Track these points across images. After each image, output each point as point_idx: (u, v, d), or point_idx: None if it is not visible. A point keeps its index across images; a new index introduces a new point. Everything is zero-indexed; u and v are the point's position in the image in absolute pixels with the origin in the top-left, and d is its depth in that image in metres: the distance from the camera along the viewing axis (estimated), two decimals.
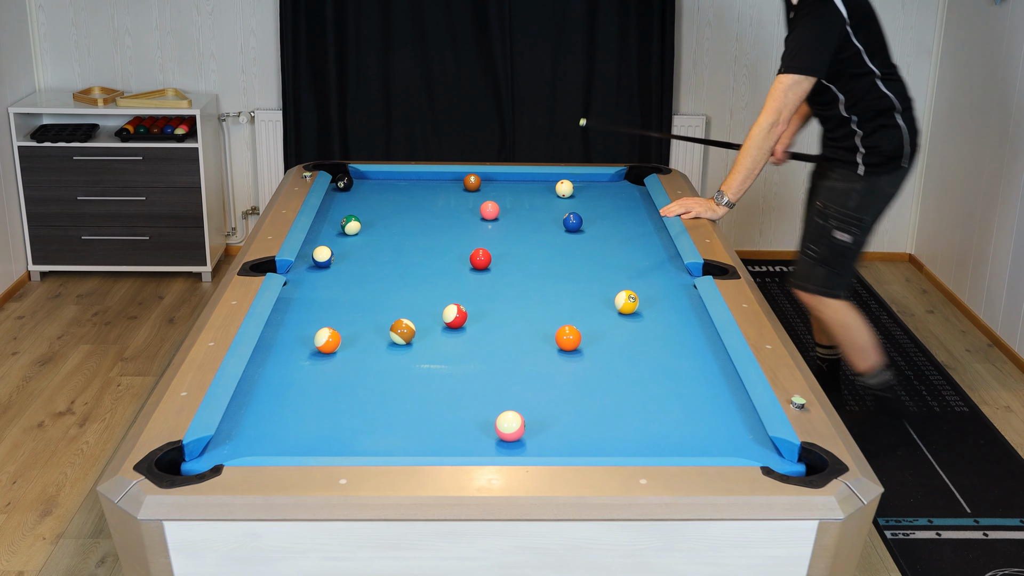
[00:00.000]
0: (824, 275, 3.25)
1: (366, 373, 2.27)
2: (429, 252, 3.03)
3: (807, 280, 3.29)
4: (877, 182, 3.17)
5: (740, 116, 5.10)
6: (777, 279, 5.04)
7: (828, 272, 3.24)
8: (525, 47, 4.86)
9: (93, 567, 2.86)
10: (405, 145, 4.99)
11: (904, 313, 4.68)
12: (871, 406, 3.52)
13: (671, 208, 3.33)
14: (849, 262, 3.24)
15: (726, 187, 3.26)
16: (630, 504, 1.78)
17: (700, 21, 4.96)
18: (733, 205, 3.29)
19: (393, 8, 4.78)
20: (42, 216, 4.73)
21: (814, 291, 3.27)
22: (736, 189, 3.24)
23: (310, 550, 1.78)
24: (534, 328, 2.50)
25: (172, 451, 1.89)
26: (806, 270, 3.29)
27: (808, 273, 3.28)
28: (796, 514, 1.79)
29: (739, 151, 3.22)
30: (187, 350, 2.30)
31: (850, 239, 3.19)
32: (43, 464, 3.36)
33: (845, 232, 3.18)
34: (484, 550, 1.79)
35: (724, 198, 3.26)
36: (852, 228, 3.18)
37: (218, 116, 4.98)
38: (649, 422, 2.09)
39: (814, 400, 2.12)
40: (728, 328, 2.45)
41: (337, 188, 3.62)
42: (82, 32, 4.88)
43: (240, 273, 2.74)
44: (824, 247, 3.22)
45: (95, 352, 4.15)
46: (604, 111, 4.95)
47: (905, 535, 3.04)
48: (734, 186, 3.23)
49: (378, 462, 1.87)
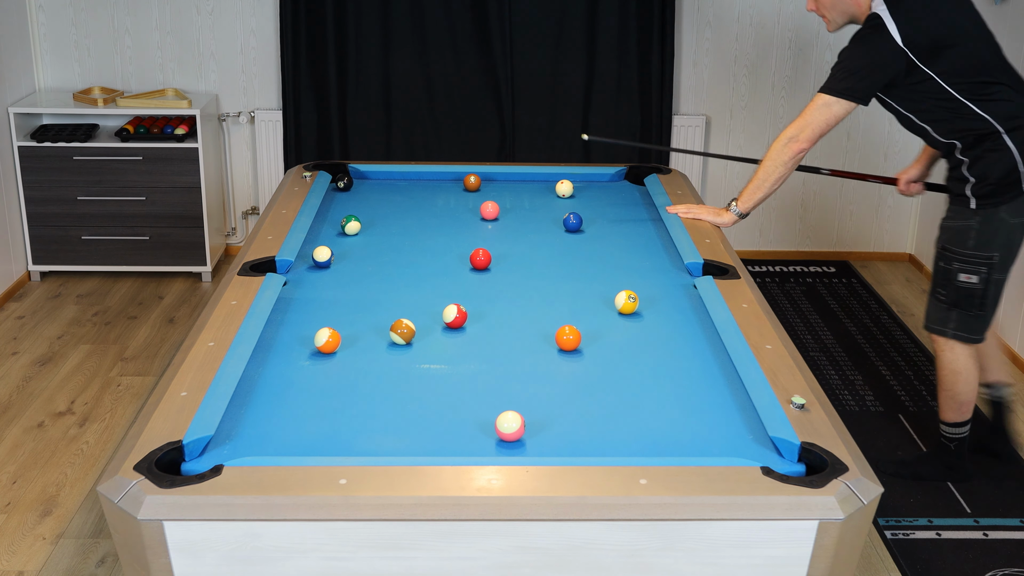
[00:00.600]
0: (958, 319, 3.07)
1: (366, 373, 2.27)
2: (429, 252, 3.02)
3: (943, 324, 3.10)
4: (995, 215, 2.96)
5: (740, 116, 5.10)
6: (777, 279, 5.05)
7: (961, 315, 3.05)
8: (525, 47, 4.86)
9: (93, 567, 2.86)
10: (405, 145, 4.99)
11: (904, 313, 4.68)
12: (929, 455, 3.34)
13: (678, 208, 3.29)
14: (982, 302, 3.04)
15: (739, 196, 3.23)
16: (630, 504, 1.78)
17: (700, 21, 4.96)
18: (743, 215, 3.22)
19: (393, 8, 4.78)
20: (42, 216, 4.73)
21: (951, 335, 3.09)
22: (746, 199, 3.19)
23: (310, 550, 1.78)
24: (534, 328, 2.50)
25: (172, 451, 1.89)
26: (939, 314, 3.10)
27: (942, 317, 3.10)
28: (796, 514, 1.78)
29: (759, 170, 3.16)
30: (187, 350, 2.29)
31: (977, 280, 2.99)
32: (43, 464, 3.36)
33: (971, 274, 2.99)
34: (484, 550, 1.79)
35: (735, 207, 3.23)
36: (979, 268, 2.98)
37: (218, 116, 4.98)
38: (649, 422, 2.09)
39: (814, 400, 2.12)
40: (728, 328, 2.45)
41: (337, 188, 3.62)
42: (82, 32, 4.88)
43: (240, 273, 2.74)
44: (952, 290, 3.04)
45: (95, 352, 4.15)
46: (604, 111, 4.95)
47: (905, 535, 3.04)
48: (744, 195, 3.20)
49: (378, 462, 1.87)
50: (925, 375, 4.06)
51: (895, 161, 5.15)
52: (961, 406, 3.18)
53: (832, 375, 4.05)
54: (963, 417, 3.21)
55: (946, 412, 3.22)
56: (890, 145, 5.12)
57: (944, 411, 3.23)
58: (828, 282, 5.02)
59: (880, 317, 4.62)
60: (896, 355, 4.23)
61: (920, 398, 3.87)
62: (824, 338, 4.39)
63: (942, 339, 3.13)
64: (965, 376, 3.14)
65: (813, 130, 3.02)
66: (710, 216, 3.25)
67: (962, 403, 3.18)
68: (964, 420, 3.21)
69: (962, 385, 3.15)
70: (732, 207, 3.24)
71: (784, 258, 5.32)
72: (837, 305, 4.75)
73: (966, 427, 3.23)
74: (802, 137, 3.04)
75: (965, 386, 3.15)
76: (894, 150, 5.14)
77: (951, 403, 3.19)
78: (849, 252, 5.36)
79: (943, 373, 3.17)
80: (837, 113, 2.99)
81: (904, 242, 5.36)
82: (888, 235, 5.34)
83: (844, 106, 2.97)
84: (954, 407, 3.19)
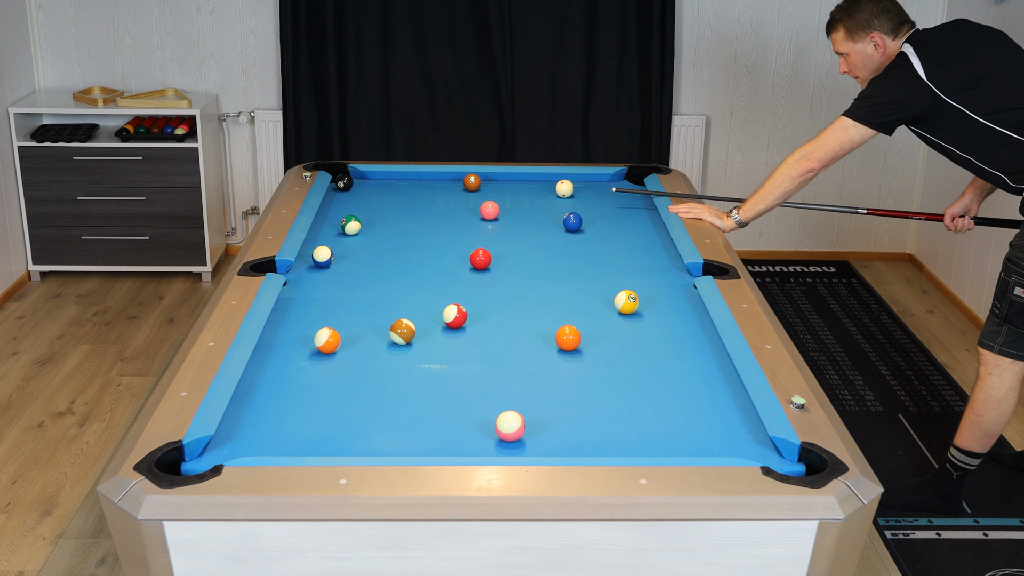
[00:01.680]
0: (1008, 335, 2.93)
1: (366, 373, 2.27)
2: (429, 252, 3.02)
3: (991, 339, 2.96)
4: None
5: (740, 116, 5.10)
6: (777, 279, 5.05)
7: (1011, 332, 2.92)
8: (525, 47, 4.86)
9: (93, 567, 2.86)
10: (405, 145, 4.99)
11: (904, 313, 4.68)
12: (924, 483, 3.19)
13: (680, 207, 3.31)
14: None
15: (743, 204, 3.24)
16: (630, 504, 1.78)
17: (700, 21, 4.96)
18: (743, 224, 3.24)
19: (393, 8, 4.78)
20: (42, 216, 4.73)
21: (998, 351, 2.94)
22: (748, 208, 3.21)
23: (310, 550, 1.78)
24: (534, 328, 2.50)
25: (172, 451, 1.89)
26: (991, 327, 2.97)
27: (993, 331, 2.96)
28: (796, 514, 1.78)
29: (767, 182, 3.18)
30: (187, 350, 2.29)
31: None
32: (43, 464, 3.36)
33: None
34: (484, 550, 1.79)
35: (736, 214, 3.24)
36: None
37: (218, 116, 4.98)
38: (649, 422, 2.09)
39: (814, 400, 2.12)
40: (728, 328, 2.45)
41: (337, 188, 3.62)
42: (82, 32, 4.88)
43: (240, 273, 2.74)
44: (1005, 304, 2.92)
45: (95, 352, 4.15)
46: (604, 111, 4.95)
47: (905, 535, 3.04)
48: (747, 205, 3.22)
49: (378, 462, 1.87)
50: (925, 375, 4.06)
51: (895, 161, 5.15)
52: (985, 436, 3.02)
53: (832, 375, 4.05)
54: (982, 448, 3.04)
55: (966, 438, 3.04)
56: (890, 143, 5.12)
57: (963, 436, 3.05)
58: (828, 282, 5.02)
59: (880, 317, 4.62)
60: (896, 355, 4.23)
61: (920, 398, 3.87)
62: (824, 338, 4.39)
63: (989, 356, 2.96)
64: (1002, 407, 2.98)
65: (827, 151, 3.03)
66: (710, 217, 3.26)
67: (987, 433, 3.01)
68: (981, 452, 3.05)
69: (996, 415, 2.98)
70: (733, 214, 3.25)
71: (784, 258, 5.32)
72: (837, 305, 4.75)
73: (979, 460, 3.07)
74: (815, 156, 3.04)
75: (998, 417, 2.99)
76: (894, 150, 5.14)
77: (976, 430, 3.02)
78: (849, 252, 5.36)
79: (979, 396, 2.99)
80: (854, 138, 2.99)
81: (904, 242, 5.36)
82: (888, 235, 5.34)
83: (863, 132, 2.97)
84: (978, 435, 3.02)
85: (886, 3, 3.04)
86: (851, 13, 3.05)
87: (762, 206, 3.18)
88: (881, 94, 2.95)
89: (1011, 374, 2.96)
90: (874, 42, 3.03)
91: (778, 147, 5.13)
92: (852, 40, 3.06)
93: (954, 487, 3.11)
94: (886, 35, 3.02)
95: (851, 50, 3.08)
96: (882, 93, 2.95)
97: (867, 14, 3.02)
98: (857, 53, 3.07)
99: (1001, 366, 2.96)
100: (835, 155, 3.03)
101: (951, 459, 3.10)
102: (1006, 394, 2.97)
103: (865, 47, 3.05)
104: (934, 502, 3.13)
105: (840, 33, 3.09)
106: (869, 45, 3.04)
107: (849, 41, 3.07)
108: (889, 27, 3.02)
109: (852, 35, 3.06)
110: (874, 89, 2.98)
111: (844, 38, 3.08)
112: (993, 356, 2.96)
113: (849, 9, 3.06)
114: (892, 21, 3.03)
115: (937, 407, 3.81)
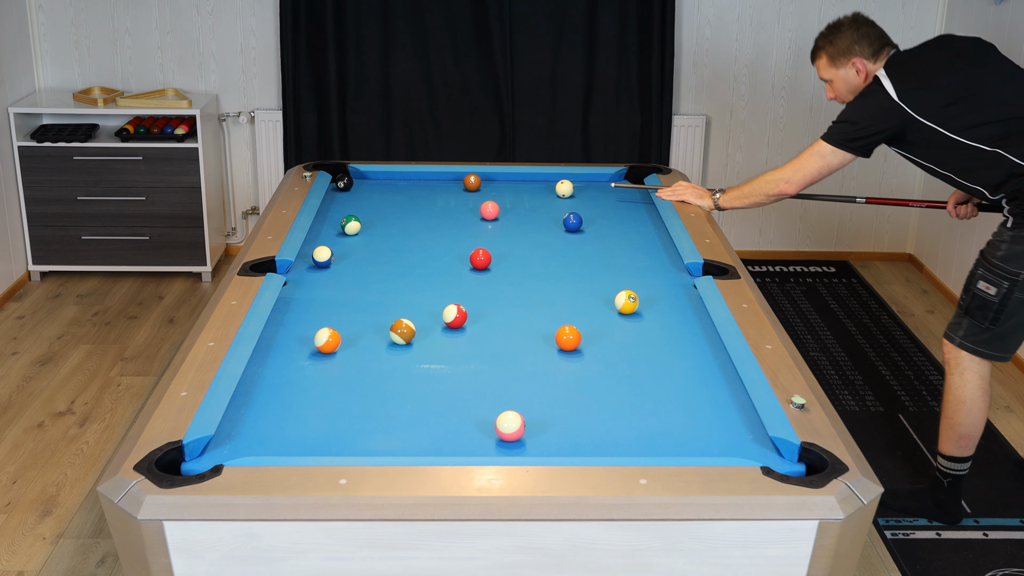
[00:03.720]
0: (968, 327, 2.94)
1: (366, 373, 2.27)
2: (429, 252, 3.02)
3: (953, 330, 2.98)
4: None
5: (740, 116, 5.10)
6: (777, 279, 5.05)
7: (972, 325, 2.93)
8: (525, 47, 4.86)
9: (93, 567, 2.86)
10: (405, 145, 4.99)
11: (904, 313, 4.69)
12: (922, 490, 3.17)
13: (664, 192, 3.47)
14: (995, 317, 2.88)
15: (726, 191, 3.37)
16: (630, 504, 1.78)
17: (700, 21, 4.96)
18: (721, 209, 3.38)
19: (393, 8, 4.78)
20: (42, 216, 4.73)
21: (958, 343, 2.95)
22: (729, 199, 3.35)
23: (310, 550, 1.78)
24: (534, 328, 2.50)
25: (172, 451, 1.89)
26: (954, 319, 2.99)
27: (955, 322, 2.98)
28: (796, 514, 1.78)
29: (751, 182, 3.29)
30: (187, 350, 2.29)
31: (994, 292, 2.87)
32: (43, 464, 3.36)
33: (991, 284, 2.87)
34: (484, 550, 1.79)
35: (717, 197, 3.38)
36: (1001, 281, 2.86)
37: (218, 116, 4.98)
38: (649, 422, 2.09)
39: (814, 400, 2.12)
40: (728, 328, 2.45)
41: (337, 188, 3.62)
42: (82, 32, 4.88)
43: (240, 273, 2.74)
44: (968, 296, 2.94)
45: (95, 352, 4.15)
46: (604, 111, 4.95)
47: (905, 535, 3.04)
48: (731, 195, 3.35)
49: (378, 462, 1.87)
50: (925, 375, 4.06)
51: (895, 160, 5.15)
52: (961, 439, 3.01)
53: (832, 375, 4.05)
54: (962, 452, 3.03)
55: (944, 443, 3.05)
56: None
57: (943, 442, 3.06)
58: (828, 282, 5.02)
59: (880, 317, 4.62)
60: (896, 355, 4.23)
61: (920, 398, 3.87)
62: (824, 338, 4.39)
63: (951, 350, 2.98)
64: (970, 407, 2.97)
65: (805, 175, 3.10)
66: (693, 197, 3.41)
67: (962, 436, 3.01)
68: (963, 456, 3.04)
69: (965, 416, 2.98)
70: (715, 195, 3.39)
71: (784, 258, 5.32)
72: (837, 305, 4.75)
73: (965, 465, 3.05)
74: (794, 180, 3.12)
75: (968, 418, 2.98)
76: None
77: (950, 434, 3.03)
78: (849, 252, 5.36)
79: (948, 399, 3.01)
80: (832, 164, 3.06)
81: (904, 242, 5.36)
82: (888, 235, 5.34)
83: (840, 157, 3.03)
84: (953, 438, 3.02)
85: (866, 28, 3.08)
86: (832, 40, 3.11)
87: (738, 204, 3.33)
88: (854, 118, 3.00)
89: (973, 373, 2.96)
90: (855, 67, 3.08)
91: (778, 147, 5.13)
92: (835, 66, 3.12)
93: (948, 495, 3.09)
94: (867, 60, 3.07)
95: (834, 76, 3.14)
96: (855, 116, 3.00)
97: (848, 40, 3.08)
98: (840, 79, 3.13)
99: (962, 364, 2.96)
100: (812, 180, 3.11)
101: (938, 467, 3.10)
102: (971, 394, 2.97)
103: (847, 72, 3.10)
104: (931, 511, 3.11)
105: (823, 60, 3.15)
106: (851, 71, 3.09)
107: (832, 67, 3.13)
108: (870, 52, 3.07)
109: (834, 61, 3.11)
110: (848, 113, 3.03)
111: (827, 64, 3.14)
112: (954, 349, 2.98)
113: (830, 36, 3.12)
114: (872, 46, 3.07)
115: (937, 407, 3.80)
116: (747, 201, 3.29)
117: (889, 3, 4.92)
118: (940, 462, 3.09)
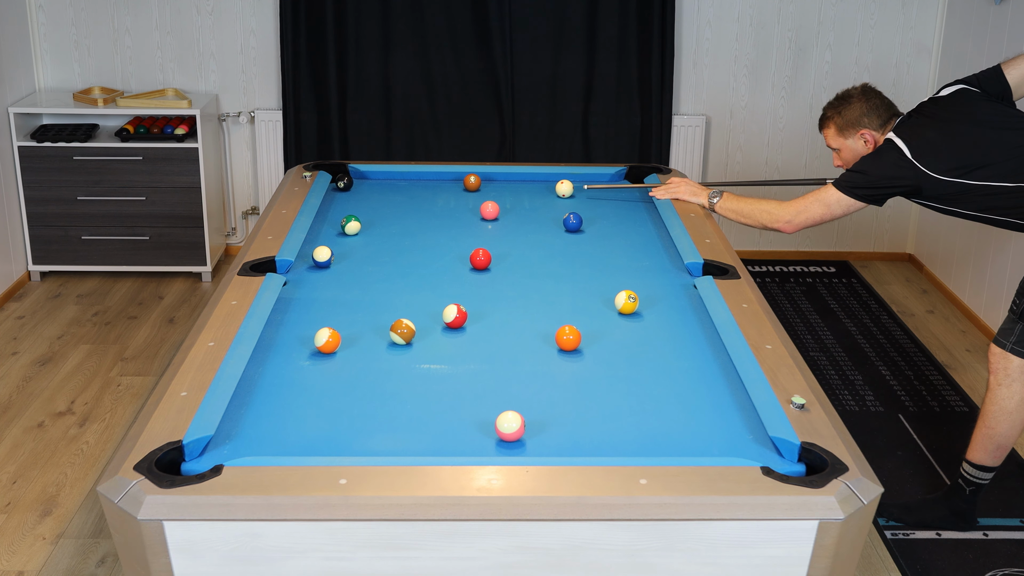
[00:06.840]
0: (1020, 332, 2.86)
1: (366, 373, 2.27)
2: (429, 252, 3.02)
3: (1005, 336, 2.89)
4: None
5: (740, 116, 5.10)
6: (777, 279, 5.05)
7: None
8: (525, 47, 4.86)
9: (93, 567, 2.86)
10: (405, 145, 4.99)
11: (904, 313, 4.69)
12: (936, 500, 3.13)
13: (658, 191, 3.44)
14: None
15: (727, 195, 3.31)
16: (630, 504, 1.78)
17: (700, 21, 4.96)
18: (714, 211, 3.33)
19: (393, 8, 4.79)
20: (42, 216, 4.73)
21: (1010, 348, 2.86)
22: (726, 208, 3.29)
23: (310, 550, 1.78)
24: (534, 328, 2.50)
25: (172, 451, 1.89)
26: (1006, 324, 2.90)
27: (1007, 328, 2.89)
28: (796, 514, 1.78)
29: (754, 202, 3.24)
30: (187, 350, 2.29)
31: None
32: (43, 464, 3.36)
33: None
34: (484, 550, 1.79)
35: (715, 198, 3.32)
36: None
37: (218, 116, 4.98)
38: (649, 422, 2.09)
39: (814, 400, 2.12)
40: (728, 328, 2.45)
41: (337, 188, 3.62)
42: (82, 32, 4.88)
43: (240, 273, 2.74)
44: (1022, 300, 2.86)
45: (95, 352, 4.15)
46: (604, 111, 4.95)
47: (905, 535, 3.04)
48: (728, 205, 3.28)
49: (378, 462, 1.87)
50: (925, 375, 4.06)
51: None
52: (997, 449, 2.95)
53: (832, 375, 4.05)
54: (994, 462, 2.97)
55: (978, 452, 2.98)
56: None
57: (975, 450, 2.98)
58: (828, 282, 5.03)
59: (880, 317, 4.62)
60: (896, 355, 4.23)
61: (920, 398, 3.87)
62: (824, 338, 4.39)
63: (999, 357, 2.89)
64: (1014, 419, 2.90)
65: (807, 218, 3.09)
66: (688, 195, 3.38)
67: (999, 447, 2.94)
68: (993, 466, 2.99)
69: (1008, 428, 2.91)
70: (712, 197, 3.33)
71: (784, 258, 5.32)
72: (837, 305, 4.75)
73: (991, 474, 3.01)
74: (794, 223, 3.12)
75: (1011, 429, 2.91)
76: None
77: (987, 444, 2.94)
78: (849, 252, 5.36)
79: (990, 408, 2.92)
80: (836, 212, 3.05)
81: (904, 242, 5.36)
82: (888, 235, 5.34)
83: (847, 204, 3.01)
84: (989, 448, 2.95)
85: (875, 100, 3.10)
86: (841, 111, 3.13)
87: (731, 216, 3.29)
88: (868, 170, 2.98)
89: (1021, 384, 2.89)
90: (864, 139, 3.10)
91: (778, 147, 5.13)
92: (843, 136, 3.14)
93: (967, 503, 3.06)
94: (875, 131, 3.09)
95: (842, 145, 3.15)
96: (869, 169, 2.98)
97: (857, 112, 3.09)
98: (848, 149, 3.14)
99: (1012, 373, 2.88)
100: (814, 224, 3.11)
101: (964, 475, 3.04)
102: (1018, 405, 2.89)
103: (855, 143, 3.12)
104: (948, 519, 3.07)
105: (831, 130, 3.16)
106: (859, 141, 3.11)
107: (840, 137, 3.15)
108: (878, 123, 3.09)
109: (843, 132, 3.14)
110: (864, 165, 3.01)
111: (835, 134, 3.16)
112: (1003, 355, 2.88)
113: (839, 107, 3.14)
114: (881, 117, 3.09)
115: (937, 407, 3.81)
116: (741, 219, 3.26)
117: (889, 3, 4.92)
118: (967, 470, 3.02)
